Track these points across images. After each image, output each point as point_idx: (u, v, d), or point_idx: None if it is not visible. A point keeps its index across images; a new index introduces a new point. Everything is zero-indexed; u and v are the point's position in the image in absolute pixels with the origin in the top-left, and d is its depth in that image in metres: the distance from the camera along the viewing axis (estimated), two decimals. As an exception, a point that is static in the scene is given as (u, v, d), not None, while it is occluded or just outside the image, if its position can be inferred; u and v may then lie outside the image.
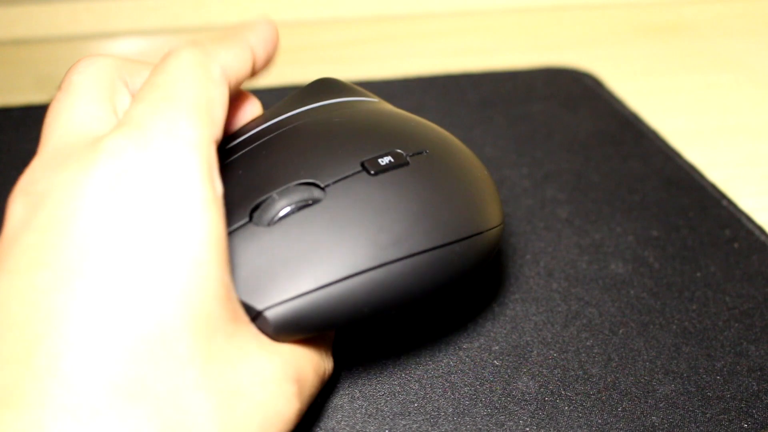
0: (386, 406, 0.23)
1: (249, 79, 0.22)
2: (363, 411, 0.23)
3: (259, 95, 0.25)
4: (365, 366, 0.24)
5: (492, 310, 0.26)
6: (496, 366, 0.24)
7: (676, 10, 0.55)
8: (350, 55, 0.47)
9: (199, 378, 0.17)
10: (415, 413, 0.23)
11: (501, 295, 0.27)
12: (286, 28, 0.51)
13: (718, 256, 0.29)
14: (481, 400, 0.23)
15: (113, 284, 0.16)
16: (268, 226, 0.21)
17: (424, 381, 0.24)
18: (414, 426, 0.22)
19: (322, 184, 0.21)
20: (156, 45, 0.48)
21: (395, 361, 0.24)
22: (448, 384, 0.23)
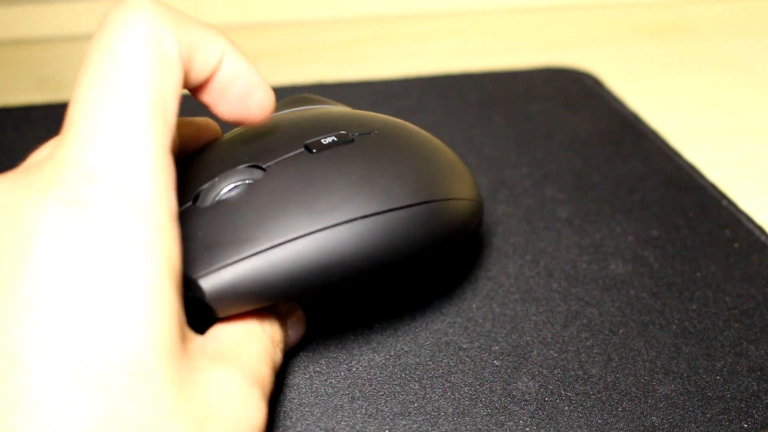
0: (386, 406, 0.23)
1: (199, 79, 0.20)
2: (363, 411, 0.23)
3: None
4: (365, 366, 0.24)
5: (492, 310, 0.26)
6: (496, 366, 0.24)
7: (676, 10, 0.55)
8: (350, 55, 0.47)
9: (173, 405, 0.16)
10: (415, 413, 0.23)
11: (501, 295, 0.27)
12: (286, 28, 0.51)
13: (718, 256, 0.29)
14: (481, 400, 0.23)
15: (72, 315, 0.16)
16: (209, 206, 0.21)
17: (424, 381, 0.24)
18: (414, 426, 0.22)
19: (263, 165, 0.22)
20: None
21: (395, 361, 0.24)
22: (448, 384, 0.23)
